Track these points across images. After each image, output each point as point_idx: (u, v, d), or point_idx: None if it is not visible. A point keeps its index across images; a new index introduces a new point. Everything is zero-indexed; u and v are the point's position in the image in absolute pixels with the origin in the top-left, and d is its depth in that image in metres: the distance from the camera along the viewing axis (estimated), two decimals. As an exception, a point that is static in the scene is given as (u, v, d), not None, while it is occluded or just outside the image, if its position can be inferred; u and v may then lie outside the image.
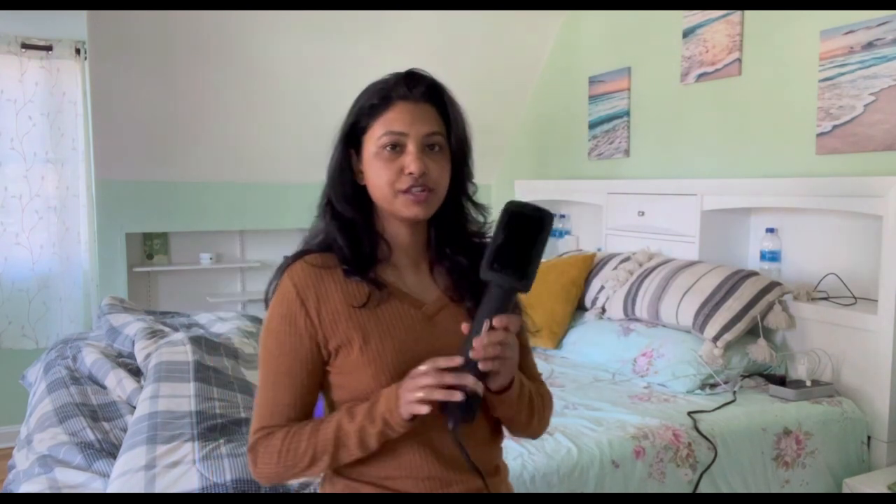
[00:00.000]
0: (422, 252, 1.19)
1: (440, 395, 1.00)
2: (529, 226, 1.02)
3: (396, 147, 1.10)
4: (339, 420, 1.07)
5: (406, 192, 1.09)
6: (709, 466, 1.97)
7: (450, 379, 1.00)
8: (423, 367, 1.02)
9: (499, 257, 1.02)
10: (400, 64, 3.85)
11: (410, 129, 1.10)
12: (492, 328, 1.02)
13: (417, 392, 1.00)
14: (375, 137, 1.12)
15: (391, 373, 1.08)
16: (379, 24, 3.61)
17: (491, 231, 1.11)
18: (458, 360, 1.01)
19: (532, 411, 1.17)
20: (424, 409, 1.00)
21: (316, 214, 1.22)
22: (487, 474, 1.13)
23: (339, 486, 1.14)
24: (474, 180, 1.22)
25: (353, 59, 3.71)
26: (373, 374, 1.08)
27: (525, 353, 1.21)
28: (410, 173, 1.08)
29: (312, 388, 1.14)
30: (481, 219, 1.22)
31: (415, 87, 1.13)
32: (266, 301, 1.15)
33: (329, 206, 1.18)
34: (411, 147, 1.10)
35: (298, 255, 1.16)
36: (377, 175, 1.11)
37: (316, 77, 3.72)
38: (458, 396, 1.00)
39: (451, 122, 1.14)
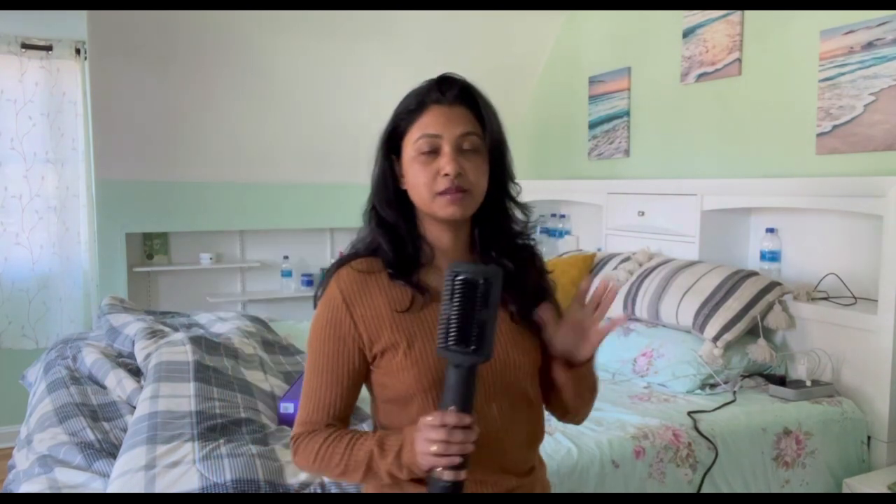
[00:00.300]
0: (464, 256, 1.21)
1: (454, 455, 1.00)
2: (477, 289, 0.99)
3: (433, 150, 1.13)
4: (371, 451, 1.09)
5: (443, 193, 1.12)
6: (710, 467, 1.97)
7: (458, 438, 0.99)
8: (431, 420, 1.00)
9: (451, 333, 0.99)
10: (400, 64, 3.90)
11: (444, 131, 1.13)
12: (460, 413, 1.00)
13: (432, 447, 1.00)
14: (412, 141, 1.15)
15: (433, 375, 1.11)
16: (379, 24, 3.61)
17: (534, 232, 1.17)
18: (468, 420, 1.00)
19: (594, 390, 1.25)
20: (443, 462, 1.01)
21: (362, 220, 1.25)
22: (521, 475, 1.18)
23: (387, 489, 1.16)
24: (516, 180, 1.24)
25: (353, 59, 3.71)
26: (415, 377, 1.12)
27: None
28: (446, 174, 1.11)
29: (354, 387, 1.18)
30: (524, 218, 1.24)
31: (448, 91, 1.16)
32: (315, 301, 1.20)
33: (374, 212, 1.22)
34: (446, 149, 1.12)
35: (346, 260, 1.20)
36: (415, 178, 1.14)
37: (316, 77, 3.72)
38: (457, 460, 1.00)
39: (486, 123, 1.16)
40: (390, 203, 1.19)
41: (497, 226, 1.22)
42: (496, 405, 1.15)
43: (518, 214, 1.24)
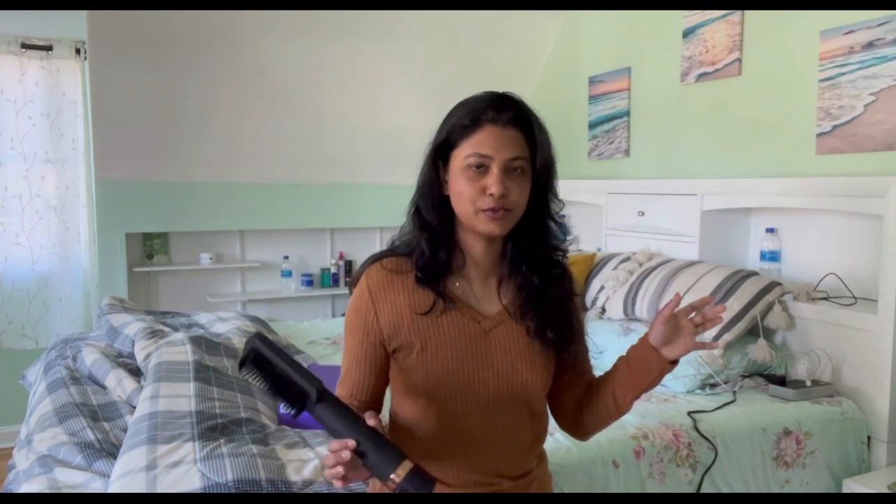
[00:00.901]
0: (494, 266, 1.26)
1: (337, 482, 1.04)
2: (253, 362, 1.07)
3: (481, 167, 1.17)
4: None
5: (486, 210, 1.16)
6: (710, 467, 1.97)
7: (333, 466, 1.03)
8: (333, 445, 1.04)
9: (285, 398, 1.09)
10: (400, 64, 3.88)
11: (496, 154, 1.16)
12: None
13: (335, 483, 1.05)
14: (463, 156, 1.18)
15: (439, 379, 1.18)
16: (379, 24, 3.61)
17: (569, 250, 1.28)
18: (351, 445, 1.02)
19: (624, 411, 1.28)
20: (339, 485, 1.05)
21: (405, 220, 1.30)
22: (514, 479, 1.24)
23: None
24: (560, 199, 1.28)
25: (353, 59, 3.71)
26: (423, 378, 1.19)
27: (580, 342, 1.31)
28: (492, 194, 1.15)
29: (377, 375, 1.25)
30: (561, 235, 1.29)
31: (503, 112, 1.18)
32: (350, 288, 1.29)
33: (417, 214, 1.26)
34: (495, 169, 1.16)
35: (380, 256, 1.27)
36: (461, 191, 1.18)
37: (316, 77, 3.72)
38: (339, 484, 1.04)
39: (538, 147, 1.20)
40: (434, 208, 1.23)
41: (530, 240, 1.25)
42: (498, 416, 1.20)
43: (556, 232, 1.28)
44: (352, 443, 1.01)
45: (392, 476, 1.00)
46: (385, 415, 1.25)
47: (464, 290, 1.24)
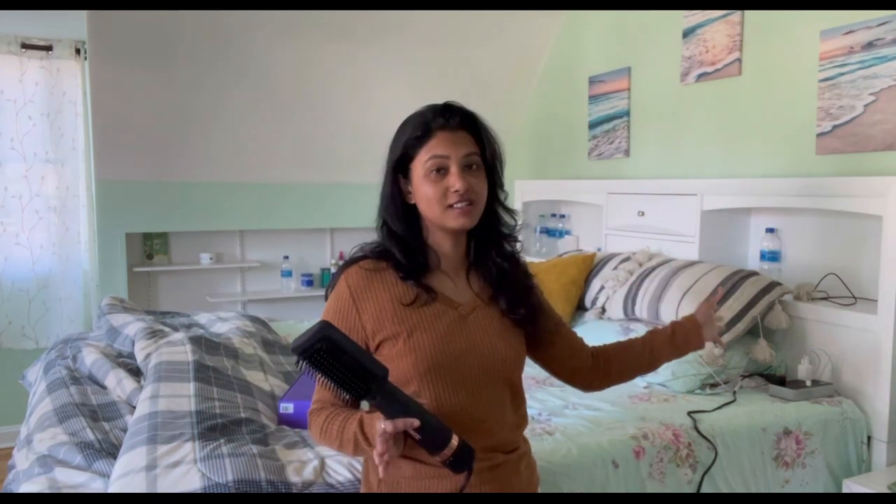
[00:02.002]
0: (461, 260, 1.41)
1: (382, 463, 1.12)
2: (319, 349, 1.08)
3: (441, 170, 1.30)
4: (355, 432, 1.21)
5: (453, 206, 1.30)
6: (709, 468, 1.97)
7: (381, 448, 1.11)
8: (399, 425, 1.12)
9: (348, 389, 1.11)
10: (399, 64, 3.88)
11: (451, 153, 1.30)
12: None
13: (384, 456, 1.12)
14: (422, 162, 1.31)
15: (429, 362, 1.28)
16: (379, 24, 3.61)
17: (521, 232, 1.44)
18: (415, 423, 1.12)
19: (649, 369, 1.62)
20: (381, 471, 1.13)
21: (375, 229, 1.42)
22: (507, 453, 1.35)
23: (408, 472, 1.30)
24: (505, 188, 1.42)
25: (353, 59, 3.71)
26: (413, 363, 1.27)
27: (552, 314, 1.48)
28: (456, 191, 1.29)
29: None
30: (512, 221, 1.43)
31: (451, 118, 1.33)
32: (326, 296, 1.39)
33: (385, 226, 1.38)
34: (454, 168, 1.30)
35: (354, 260, 1.37)
36: (427, 194, 1.31)
37: (316, 77, 3.72)
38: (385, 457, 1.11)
39: (485, 143, 1.35)
40: (399, 217, 1.35)
41: (490, 231, 1.39)
42: (484, 392, 1.32)
43: (506, 218, 1.42)
44: (416, 422, 1.11)
45: (445, 451, 1.14)
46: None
47: (439, 283, 1.36)
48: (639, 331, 2.65)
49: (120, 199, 3.63)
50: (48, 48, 3.84)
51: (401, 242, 1.35)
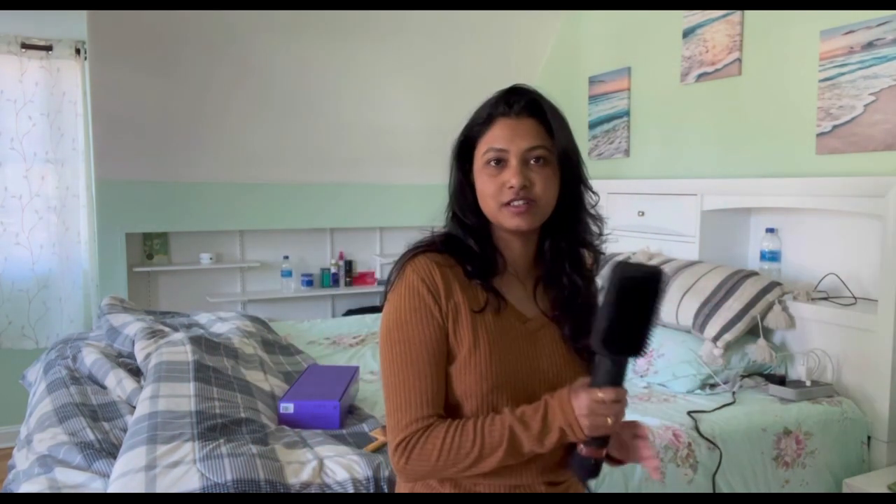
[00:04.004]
0: (530, 267, 1.23)
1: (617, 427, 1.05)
2: (642, 292, 0.98)
3: (500, 162, 1.14)
4: (509, 425, 1.08)
5: (508, 204, 1.13)
6: (716, 470, 1.97)
7: (618, 410, 1.04)
8: (605, 396, 1.03)
9: (613, 335, 0.99)
10: (400, 64, 3.89)
11: (510, 146, 1.14)
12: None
13: (609, 419, 1.03)
14: (481, 154, 1.16)
15: (492, 381, 1.11)
16: (379, 24, 3.61)
17: (605, 245, 1.23)
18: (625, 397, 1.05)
19: None
20: (608, 431, 1.05)
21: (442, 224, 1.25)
22: (554, 485, 1.19)
23: (419, 486, 1.18)
24: (592, 189, 1.23)
25: (353, 58, 3.71)
26: (475, 380, 1.11)
27: None
28: (511, 187, 1.12)
29: (443, 377, 1.15)
30: (596, 229, 1.23)
31: (515, 104, 1.16)
32: (385, 294, 1.18)
33: (455, 218, 1.21)
34: (513, 161, 1.13)
35: (419, 251, 1.18)
36: (483, 188, 1.16)
37: (316, 77, 3.72)
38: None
39: (554, 134, 1.15)
40: (470, 208, 1.19)
41: (567, 237, 1.21)
42: None
43: (591, 225, 1.23)
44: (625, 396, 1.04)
45: (602, 448, 1.07)
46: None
47: (508, 290, 1.19)
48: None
49: (120, 199, 3.63)
50: (48, 48, 3.84)
51: (475, 235, 1.18)
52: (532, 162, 1.14)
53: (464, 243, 1.19)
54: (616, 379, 1.03)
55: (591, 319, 1.09)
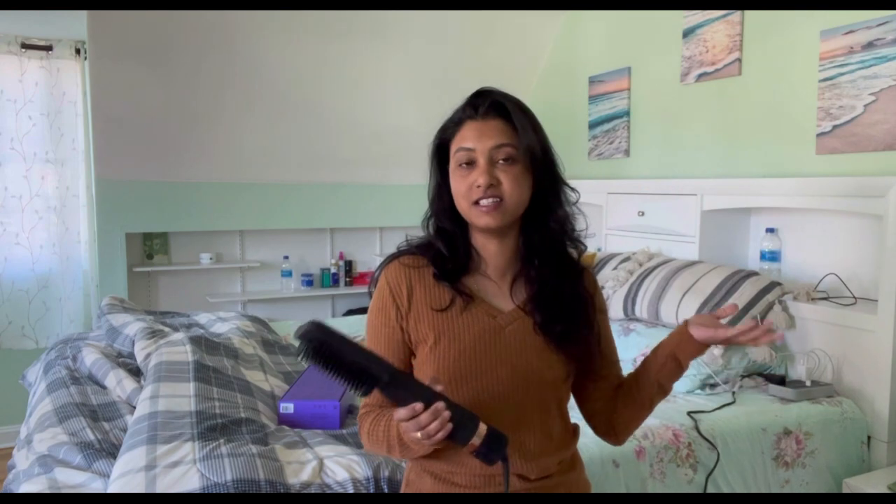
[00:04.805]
0: (508, 264, 1.26)
1: (436, 434, 1.04)
2: (320, 350, 1.02)
3: (470, 163, 1.19)
4: (384, 429, 1.16)
5: (477, 203, 1.18)
6: (713, 469, 1.97)
7: (426, 419, 1.03)
8: (401, 417, 1.04)
9: (355, 384, 1.04)
10: (400, 64, 3.88)
11: (477, 145, 1.18)
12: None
13: (417, 433, 1.04)
14: (453, 154, 1.22)
15: (450, 375, 1.17)
16: (379, 24, 3.61)
17: (583, 235, 1.29)
18: (420, 407, 1.03)
19: (653, 405, 1.30)
20: (421, 444, 1.07)
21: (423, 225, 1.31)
22: (531, 481, 1.21)
23: (413, 475, 1.26)
24: (568, 185, 1.28)
25: (353, 59, 3.71)
26: (434, 372, 1.17)
27: (598, 344, 1.28)
28: (479, 186, 1.17)
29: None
30: (568, 225, 1.27)
31: (480, 106, 1.21)
32: (370, 289, 1.29)
33: (433, 220, 1.28)
34: (480, 161, 1.18)
35: (397, 255, 1.27)
36: (456, 189, 1.21)
37: (316, 77, 3.72)
38: (447, 427, 1.04)
39: (519, 132, 1.19)
40: (446, 212, 1.25)
41: (539, 232, 1.24)
42: (508, 413, 1.17)
43: (565, 217, 1.26)
44: (442, 405, 1.03)
45: (473, 440, 1.05)
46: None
47: (480, 287, 1.24)
48: (638, 330, 2.65)
49: (120, 199, 3.63)
50: (48, 48, 3.84)
51: (447, 238, 1.24)
52: (501, 161, 1.18)
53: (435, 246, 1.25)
54: (403, 398, 1.04)
55: (569, 312, 1.21)
